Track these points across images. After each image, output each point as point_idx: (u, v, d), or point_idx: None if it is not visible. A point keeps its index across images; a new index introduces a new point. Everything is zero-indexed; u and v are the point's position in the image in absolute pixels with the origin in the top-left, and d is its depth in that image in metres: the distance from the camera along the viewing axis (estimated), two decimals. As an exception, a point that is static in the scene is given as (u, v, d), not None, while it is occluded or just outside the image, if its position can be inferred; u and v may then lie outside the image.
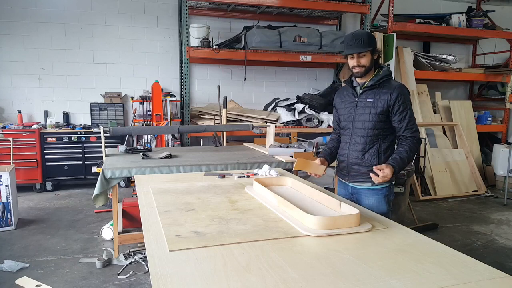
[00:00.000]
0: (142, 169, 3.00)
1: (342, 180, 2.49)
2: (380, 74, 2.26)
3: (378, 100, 2.22)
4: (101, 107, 5.80)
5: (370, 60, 2.22)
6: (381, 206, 2.30)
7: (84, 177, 5.57)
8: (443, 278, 1.23)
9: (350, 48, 2.19)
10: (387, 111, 2.22)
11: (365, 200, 2.33)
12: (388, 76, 2.27)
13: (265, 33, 5.52)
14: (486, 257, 3.60)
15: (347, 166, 2.38)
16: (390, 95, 2.20)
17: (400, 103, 2.19)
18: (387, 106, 2.21)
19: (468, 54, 7.62)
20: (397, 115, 2.22)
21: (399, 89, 2.22)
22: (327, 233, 1.59)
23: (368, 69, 2.24)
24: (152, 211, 1.91)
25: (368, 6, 5.94)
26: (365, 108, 2.26)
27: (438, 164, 5.82)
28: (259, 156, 3.56)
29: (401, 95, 2.20)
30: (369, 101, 2.25)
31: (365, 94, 2.28)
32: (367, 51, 2.18)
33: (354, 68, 2.24)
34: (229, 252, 1.41)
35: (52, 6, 5.69)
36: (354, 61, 2.21)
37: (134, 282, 2.96)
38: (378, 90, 2.24)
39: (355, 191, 2.39)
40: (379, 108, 2.22)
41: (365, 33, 2.21)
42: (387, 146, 2.30)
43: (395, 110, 2.21)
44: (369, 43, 2.18)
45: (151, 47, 6.08)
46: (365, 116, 2.26)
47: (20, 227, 4.09)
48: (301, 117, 5.90)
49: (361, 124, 2.28)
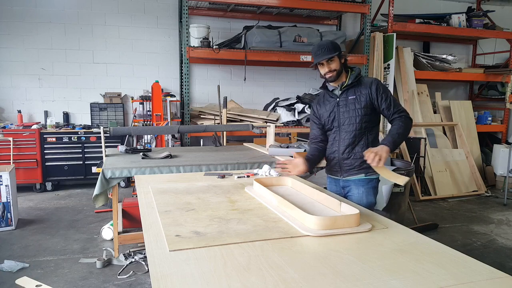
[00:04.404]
0: (142, 169, 3.00)
1: (333, 177, 2.58)
2: (354, 73, 2.42)
3: (360, 95, 2.38)
4: (101, 107, 5.81)
5: (339, 64, 2.38)
6: (369, 196, 2.44)
7: (84, 177, 5.57)
8: (443, 278, 1.23)
9: (318, 57, 2.34)
10: (371, 104, 2.37)
11: (355, 190, 2.45)
12: (360, 74, 2.45)
13: (265, 33, 5.52)
14: (486, 257, 3.60)
15: (338, 162, 2.47)
16: (369, 89, 2.37)
17: (381, 93, 2.36)
18: (370, 99, 2.36)
19: (468, 54, 7.62)
20: (383, 104, 2.37)
21: (376, 81, 2.40)
22: (327, 233, 1.59)
23: (339, 72, 2.39)
24: (152, 211, 1.91)
25: (368, 6, 5.94)
26: (348, 105, 2.40)
27: (438, 164, 5.82)
28: (259, 156, 3.56)
29: (379, 86, 2.38)
30: (351, 98, 2.39)
31: (345, 93, 2.42)
32: (334, 56, 2.33)
33: (326, 74, 2.39)
34: (229, 252, 1.41)
35: (52, 6, 5.69)
36: (325, 68, 2.37)
37: (134, 282, 2.96)
38: (356, 88, 2.40)
39: (347, 184, 2.49)
40: (363, 103, 2.37)
41: (329, 41, 2.38)
42: (374, 137, 2.46)
43: (379, 100, 2.36)
44: (334, 48, 2.34)
45: (151, 47, 6.08)
46: (351, 112, 2.39)
47: (20, 227, 4.09)
48: (301, 117, 5.90)
49: (348, 120, 2.40)
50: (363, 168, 2.40)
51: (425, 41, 7.24)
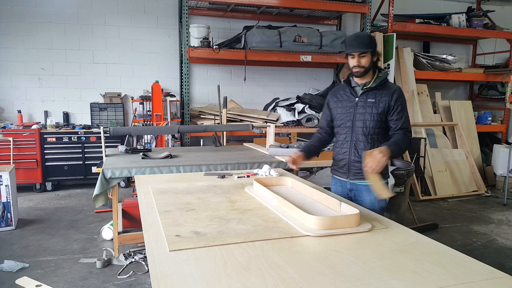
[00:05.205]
0: (142, 169, 3.00)
1: (338, 178, 2.52)
2: (381, 77, 2.35)
3: (379, 100, 2.30)
4: (101, 107, 5.80)
5: (370, 62, 2.29)
6: (381, 201, 2.37)
7: (84, 177, 5.57)
8: (443, 278, 1.23)
9: (351, 48, 2.27)
10: (387, 112, 2.31)
11: (367, 196, 2.38)
12: (387, 78, 2.38)
13: (265, 33, 5.52)
14: (486, 257, 3.60)
15: (348, 164, 2.41)
16: (391, 96, 2.30)
17: (399, 104, 2.30)
18: (388, 106, 2.30)
19: (468, 54, 7.62)
20: (395, 115, 2.31)
21: (399, 91, 2.34)
22: (327, 233, 1.59)
23: (367, 70, 2.31)
24: (152, 211, 1.91)
25: (368, 6, 5.94)
26: (366, 107, 2.33)
27: (438, 164, 5.82)
28: (259, 156, 3.56)
29: (401, 97, 2.31)
30: (370, 101, 2.32)
31: (366, 94, 2.34)
32: (367, 52, 2.26)
33: (354, 68, 2.31)
34: (229, 252, 1.41)
35: (52, 6, 5.69)
36: (355, 61, 2.28)
37: (134, 282, 2.96)
38: (379, 91, 2.33)
39: (355, 187, 2.43)
40: (380, 108, 2.30)
41: (367, 35, 2.31)
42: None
43: (394, 109, 2.30)
44: (370, 44, 2.26)
45: (151, 47, 6.08)
46: (367, 116, 2.32)
47: (20, 227, 4.09)
48: (301, 117, 5.90)
49: (362, 123, 2.33)
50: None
51: (425, 41, 7.24)
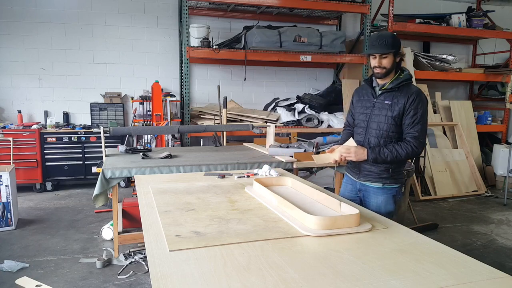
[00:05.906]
0: (142, 169, 3.00)
1: (350, 177, 2.49)
2: (401, 78, 2.26)
3: (395, 103, 2.23)
4: (101, 107, 5.80)
5: (392, 62, 2.22)
6: (389, 205, 2.33)
7: (84, 177, 5.57)
8: (443, 278, 1.23)
9: (373, 48, 2.20)
10: (402, 115, 2.23)
11: (373, 199, 2.35)
12: (409, 80, 2.27)
13: (265, 33, 5.52)
14: (486, 257, 3.60)
15: (358, 165, 2.38)
16: (407, 99, 2.20)
17: (413, 107, 2.19)
18: (403, 109, 2.21)
19: (468, 54, 7.62)
20: (407, 119, 2.21)
21: (417, 94, 2.22)
22: (327, 233, 1.59)
23: (389, 71, 2.24)
24: (152, 211, 1.91)
25: (368, 6, 5.93)
26: (381, 109, 2.27)
27: (438, 164, 5.82)
28: (259, 156, 3.56)
29: (416, 101, 2.19)
30: (386, 103, 2.25)
31: (383, 95, 2.28)
32: (389, 53, 2.19)
33: (375, 68, 2.24)
34: (229, 252, 1.41)
35: (52, 6, 5.69)
36: (376, 62, 2.22)
37: (134, 282, 2.96)
38: (396, 93, 2.24)
39: (364, 188, 2.40)
40: (396, 112, 2.22)
41: (390, 35, 2.22)
42: None
43: (407, 113, 2.21)
44: (392, 45, 2.18)
45: (151, 47, 6.08)
46: (381, 118, 2.27)
47: (20, 227, 4.09)
48: (301, 117, 5.90)
49: (376, 125, 2.28)
50: (382, 178, 2.31)
51: (425, 41, 7.23)
